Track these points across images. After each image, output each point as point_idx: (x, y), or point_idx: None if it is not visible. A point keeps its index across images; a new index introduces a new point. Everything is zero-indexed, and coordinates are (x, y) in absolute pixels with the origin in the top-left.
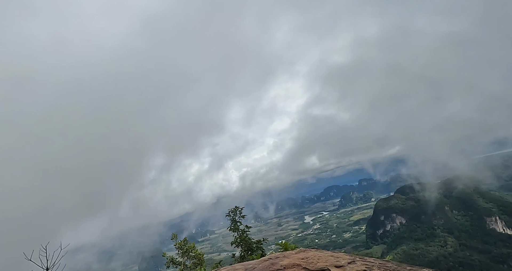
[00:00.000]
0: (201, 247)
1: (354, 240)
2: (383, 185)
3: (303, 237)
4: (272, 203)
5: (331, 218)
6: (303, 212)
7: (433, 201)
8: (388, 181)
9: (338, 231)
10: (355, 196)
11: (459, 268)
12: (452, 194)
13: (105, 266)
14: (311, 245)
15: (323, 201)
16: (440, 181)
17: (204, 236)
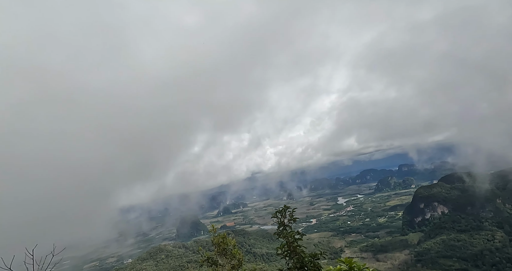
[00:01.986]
0: (234, 218)
1: (389, 225)
2: (425, 172)
3: (335, 217)
4: (306, 182)
5: (365, 201)
6: (336, 193)
7: (483, 192)
8: (431, 169)
9: (372, 215)
10: (393, 181)
11: (506, 265)
12: (506, 186)
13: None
14: (342, 227)
15: (359, 184)
16: (493, 172)
17: (237, 208)
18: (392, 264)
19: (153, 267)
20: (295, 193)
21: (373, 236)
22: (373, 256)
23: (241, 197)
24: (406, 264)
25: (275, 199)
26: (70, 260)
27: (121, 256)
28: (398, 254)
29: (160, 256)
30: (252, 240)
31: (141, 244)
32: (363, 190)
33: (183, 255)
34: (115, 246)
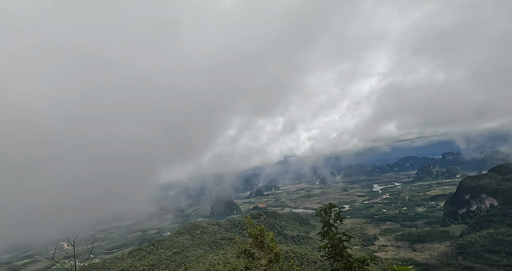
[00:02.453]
0: (266, 200)
1: (428, 215)
2: (473, 161)
3: (369, 205)
4: (339, 168)
5: (403, 189)
6: (372, 180)
7: None
8: (480, 158)
9: (410, 204)
10: (435, 170)
11: None
12: None
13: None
14: (377, 214)
15: (396, 172)
16: None
17: (269, 190)
18: (430, 255)
19: (189, 241)
20: (328, 178)
21: (410, 226)
22: (409, 246)
23: (273, 180)
24: (446, 256)
25: (307, 183)
26: (117, 229)
27: (161, 229)
28: (438, 245)
29: (195, 232)
30: (284, 222)
31: (178, 219)
32: (401, 178)
33: (217, 232)
34: (155, 220)
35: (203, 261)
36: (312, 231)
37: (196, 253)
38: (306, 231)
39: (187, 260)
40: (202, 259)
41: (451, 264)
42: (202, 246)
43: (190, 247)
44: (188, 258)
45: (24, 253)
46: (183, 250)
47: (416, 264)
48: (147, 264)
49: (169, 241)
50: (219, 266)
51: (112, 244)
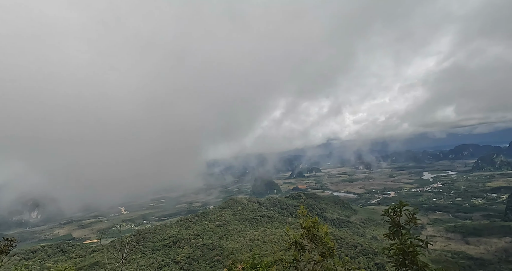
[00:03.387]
0: (306, 181)
1: (487, 208)
2: None
3: (417, 193)
4: (386, 153)
5: (458, 179)
6: (422, 167)
7: None
8: None
9: (466, 195)
10: (500, 159)
11: None
12: None
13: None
14: (426, 203)
15: (452, 160)
16: None
17: (310, 172)
18: (486, 250)
19: (231, 216)
20: (373, 163)
21: (464, 217)
22: (462, 238)
23: (315, 163)
24: (505, 252)
25: (350, 167)
26: (166, 200)
27: (205, 202)
28: (496, 241)
29: (236, 207)
30: (324, 205)
31: (221, 195)
32: (456, 167)
33: (257, 209)
34: (201, 193)
35: (243, 236)
36: (353, 216)
37: (237, 228)
38: (347, 215)
39: (229, 233)
40: (243, 234)
41: (511, 261)
42: (243, 221)
43: (232, 222)
44: (230, 232)
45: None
46: (225, 224)
47: (469, 258)
48: (192, 233)
49: (212, 214)
50: (259, 241)
51: (161, 213)
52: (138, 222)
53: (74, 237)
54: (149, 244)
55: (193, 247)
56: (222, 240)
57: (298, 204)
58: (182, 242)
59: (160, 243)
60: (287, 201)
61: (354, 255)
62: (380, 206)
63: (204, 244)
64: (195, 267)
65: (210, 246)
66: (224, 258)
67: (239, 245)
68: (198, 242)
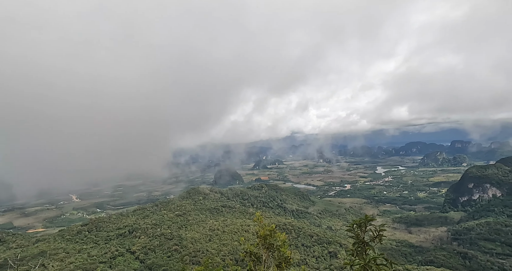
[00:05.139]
0: (269, 173)
1: (429, 201)
2: (482, 151)
3: (370, 186)
4: (345, 148)
5: (407, 174)
6: (376, 162)
7: None
8: (490, 148)
9: (412, 189)
10: (442, 157)
11: None
12: None
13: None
14: (377, 196)
15: (402, 156)
16: None
17: (273, 164)
18: (425, 238)
19: (191, 205)
20: (332, 157)
21: (409, 209)
22: (406, 228)
23: (278, 155)
24: (440, 241)
25: (311, 160)
26: (124, 188)
27: (166, 192)
28: (434, 230)
29: (198, 197)
30: (284, 196)
31: (183, 185)
32: (405, 163)
33: (218, 199)
34: (161, 182)
35: (204, 225)
36: (311, 207)
37: (197, 218)
38: (306, 206)
39: (188, 223)
40: (203, 224)
41: (445, 249)
42: (204, 211)
43: (192, 212)
44: (189, 221)
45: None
46: (185, 214)
47: (410, 246)
48: (150, 223)
49: (172, 204)
50: (218, 231)
51: (118, 201)
52: (91, 210)
53: (16, 226)
54: (103, 233)
55: (150, 236)
56: (181, 230)
57: (259, 195)
58: (139, 232)
59: (115, 232)
60: (249, 192)
61: (310, 244)
62: (336, 197)
63: (162, 233)
64: (152, 257)
65: (169, 235)
66: (182, 248)
67: (199, 235)
68: (155, 231)
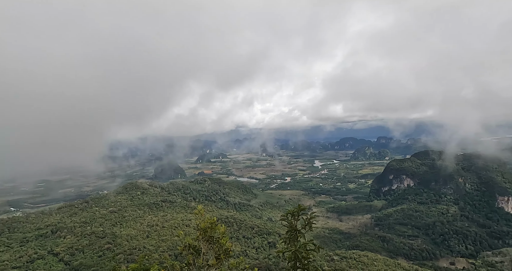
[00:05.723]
0: (212, 167)
1: (357, 191)
2: (401, 146)
3: (308, 178)
4: (287, 142)
5: (340, 167)
6: (314, 156)
7: (448, 171)
8: (407, 144)
9: (344, 180)
10: (369, 151)
11: (452, 235)
12: (470, 168)
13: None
14: (314, 188)
15: (337, 150)
16: (461, 154)
17: (217, 158)
18: (353, 225)
19: (128, 201)
20: (275, 151)
21: (341, 199)
22: (337, 217)
23: (222, 149)
24: (365, 227)
25: (255, 154)
26: (46, 184)
27: (98, 187)
28: (360, 217)
29: (135, 192)
30: (227, 190)
31: (119, 179)
32: (339, 156)
33: (158, 194)
34: (95, 177)
35: (141, 222)
36: (254, 199)
37: (134, 214)
38: (248, 199)
39: (124, 220)
40: (140, 220)
41: (368, 233)
42: (142, 207)
43: (128, 207)
44: (125, 218)
45: None
46: (120, 210)
47: (340, 233)
48: (78, 221)
49: (106, 200)
50: (158, 227)
51: (38, 199)
52: (2, 210)
53: None
54: (17, 235)
55: (78, 236)
56: (116, 227)
57: (202, 189)
58: (64, 231)
59: (34, 233)
60: (191, 185)
61: (251, 235)
62: (277, 190)
63: (93, 232)
64: (80, 258)
65: (100, 234)
66: (116, 246)
67: (135, 232)
68: (85, 230)
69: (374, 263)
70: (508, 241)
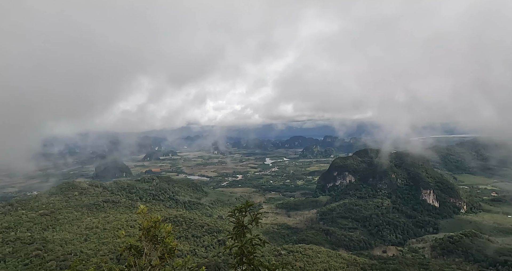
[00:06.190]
0: (161, 165)
1: (305, 187)
2: (344, 145)
3: (259, 176)
4: (239, 140)
5: (289, 164)
6: (265, 154)
7: (384, 167)
8: (350, 143)
9: (293, 177)
10: (317, 149)
11: (385, 226)
12: (401, 165)
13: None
14: (265, 185)
15: (287, 148)
16: (395, 152)
17: (166, 155)
18: (300, 220)
19: (63, 202)
20: (227, 148)
21: (289, 196)
22: (286, 213)
23: (172, 146)
24: (311, 221)
25: (206, 152)
26: None
27: (25, 188)
28: (307, 213)
29: (72, 193)
30: (177, 188)
31: (52, 178)
32: (289, 154)
33: (99, 194)
34: (22, 177)
35: (78, 224)
36: (204, 198)
37: (70, 216)
38: (198, 197)
39: (57, 223)
40: (77, 222)
41: (314, 228)
42: (79, 208)
43: (63, 209)
44: (59, 221)
45: None
46: (53, 212)
47: (288, 228)
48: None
49: (35, 202)
50: (98, 229)
51: None
52: None
53: None
54: None
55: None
56: (47, 231)
57: (149, 188)
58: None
59: None
60: (138, 184)
61: (201, 234)
62: (229, 188)
63: (18, 238)
64: (1, 268)
65: (27, 239)
66: (47, 252)
67: (71, 235)
68: (7, 236)
69: (318, 256)
70: (429, 229)
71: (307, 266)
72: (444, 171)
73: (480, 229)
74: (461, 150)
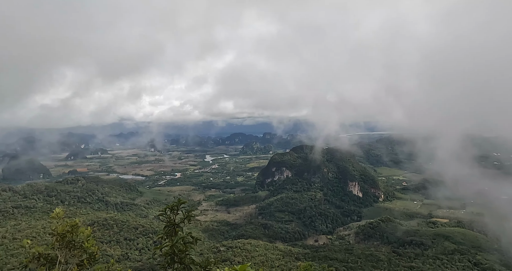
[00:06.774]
0: (88, 164)
1: (245, 184)
2: (282, 141)
3: (199, 173)
4: (178, 137)
5: (230, 161)
6: (205, 151)
7: (317, 162)
8: (287, 139)
9: (233, 174)
10: (256, 146)
11: (318, 217)
12: (332, 159)
13: None
14: (204, 182)
15: (227, 145)
16: (326, 148)
17: (95, 154)
18: (240, 216)
19: None
20: (164, 146)
21: (230, 192)
22: (226, 209)
23: (102, 144)
24: (250, 216)
25: (141, 149)
26: None
27: None
28: (247, 208)
29: None
30: (107, 189)
31: None
32: (229, 151)
33: (8, 199)
34: None
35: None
36: (139, 198)
37: None
38: (132, 197)
39: None
40: None
41: (253, 222)
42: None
43: None
44: None
45: None
46: None
47: (228, 224)
48: None
49: None
50: (6, 239)
51: None
52: None
53: None
54: None
55: None
56: None
57: (73, 190)
58: None
59: None
60: (59, 186)
61: (134, 237)
62: (166, 186)
63: None
64: None
65: None
66: None
67: None
68: None
69: (256, 249)
70: (354, 217)
71: (245, 260)
72: (367, 164)
73: (393, 215)
74: (379, 145)
